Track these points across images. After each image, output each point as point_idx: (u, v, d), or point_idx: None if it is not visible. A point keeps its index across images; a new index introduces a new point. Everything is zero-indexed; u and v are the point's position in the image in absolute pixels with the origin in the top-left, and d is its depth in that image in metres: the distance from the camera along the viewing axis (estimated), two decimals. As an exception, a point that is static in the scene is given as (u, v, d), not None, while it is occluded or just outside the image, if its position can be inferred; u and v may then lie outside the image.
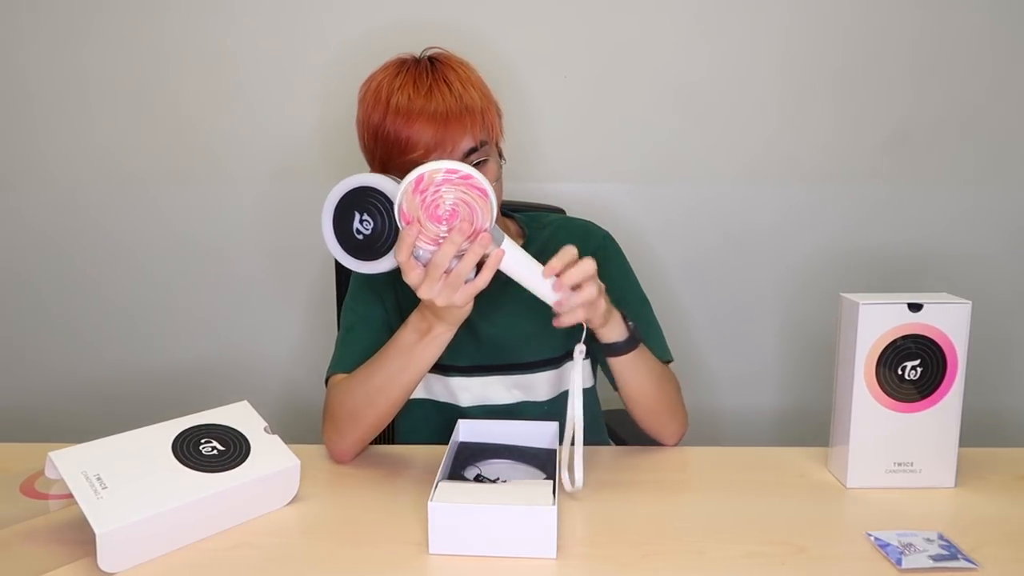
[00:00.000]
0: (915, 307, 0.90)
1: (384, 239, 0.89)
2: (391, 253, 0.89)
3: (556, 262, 0.87)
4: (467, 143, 1.00)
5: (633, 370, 1.00)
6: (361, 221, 0.89)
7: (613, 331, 0.95)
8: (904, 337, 0.91)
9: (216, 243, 1.77)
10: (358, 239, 0.90)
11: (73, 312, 1.81)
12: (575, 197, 1.61)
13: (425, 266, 0.87)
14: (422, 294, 0.87)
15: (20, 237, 1.79)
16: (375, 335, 1.05)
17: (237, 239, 1.77)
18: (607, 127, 1.69)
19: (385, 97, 1.01)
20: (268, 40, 1.68)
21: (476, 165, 1.00)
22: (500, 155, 1.08)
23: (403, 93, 1.01)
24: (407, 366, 0.98)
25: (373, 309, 1.10)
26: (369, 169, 1.07)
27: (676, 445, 1.07)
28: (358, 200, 0.90)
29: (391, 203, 0.87)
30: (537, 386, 1.15)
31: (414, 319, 0.96)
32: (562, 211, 1.44)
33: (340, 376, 1.09)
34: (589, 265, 0.87)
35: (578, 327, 0.91)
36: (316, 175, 1.73)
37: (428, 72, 1.02)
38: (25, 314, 1.82)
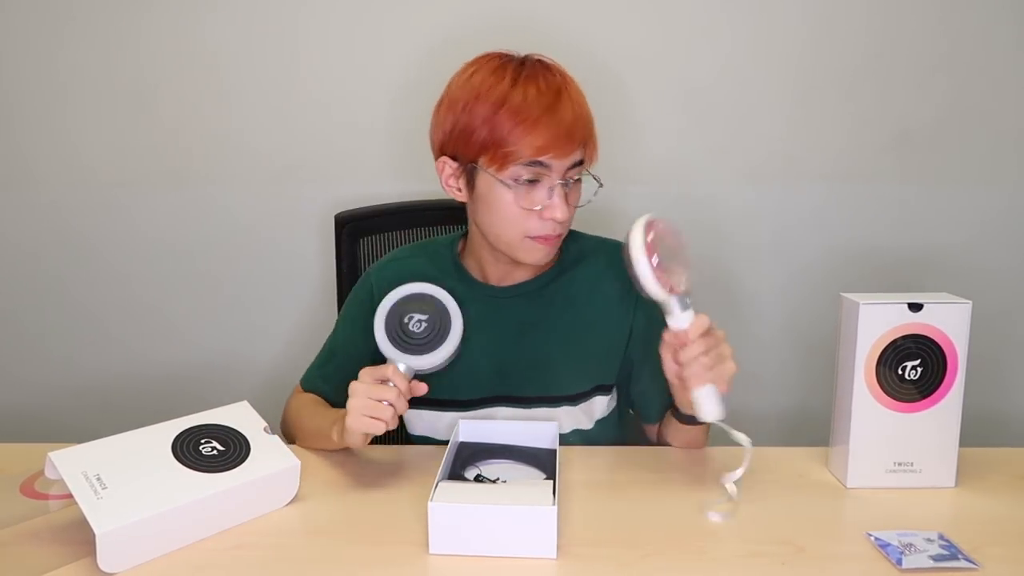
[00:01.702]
0: (915, 307, 0.90)
1: (424, 341, 0.94)
2: (436, 351, 0.94)
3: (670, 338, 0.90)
4: (577, 155, 0.99)
5: (694, 434, 1.04)
6: (418, 321, 0.94)
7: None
8: (904, 337, 0.91)
9: (216, 245, 1.77)
10: (410, 337, 0.94)
11: (72, 313, 1.81)
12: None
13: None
14: (351, 397, 0.90)
15: (25, 236, 1.79)
16: (355, 366, 0.99)
17: (237, 241, 1.77)
18: (609, 128, 1.68)
19: (500, 93, 0.95)
20: (268, 40, 1.68)
21: (575, 181, 1.01)
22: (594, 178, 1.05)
23: (521, 91, 0.95)
24: (318, 440, 1.02)
25: (361, 340, 1.05)
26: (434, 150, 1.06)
27: None
28: (420, 304, 0.96)
29: (446, 318, 0.95)
30: (559, 420, 1.09)
31: (339, 413, 0.95)
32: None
33: (305, 396, 1.14)
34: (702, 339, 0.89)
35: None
36: (311, 177, 1.73)
37: (547, 77, 0.98)
38: (24, 315, 1.82)
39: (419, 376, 0.95)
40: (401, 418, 1.14)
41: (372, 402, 0.89)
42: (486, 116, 0.95)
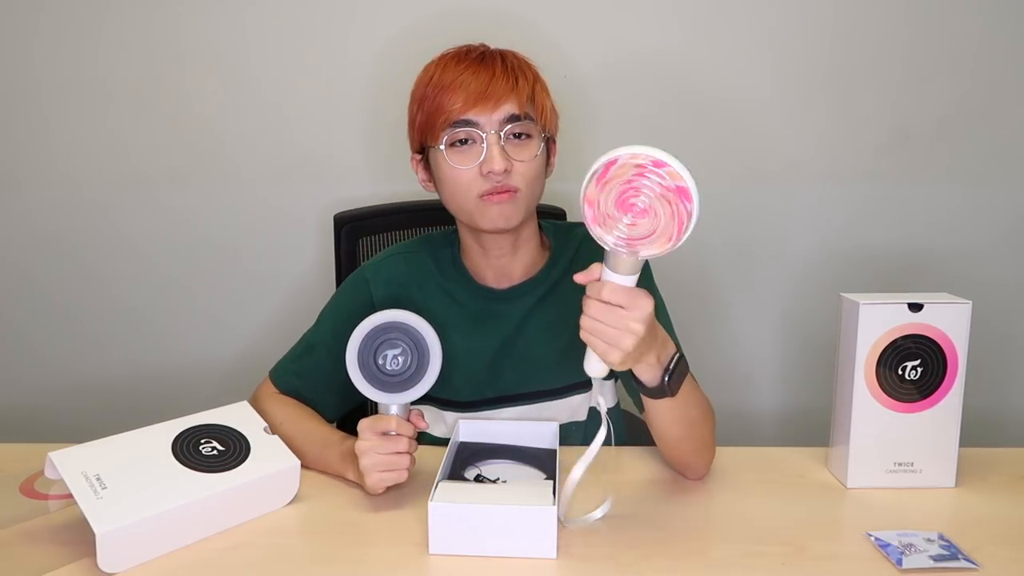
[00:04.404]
0: (915, 307, 0.90)
1: (406, 373, 0.91)
2: (424, 379, 0.91)
3: (580, 276, 0.81)
4: (511, 107, 0.97)
5: (663, 412, 0.90)
6: (394, 358, 0.91)
7: (644, 372, 0.84)
8: (904, 337, 0.91)
9: (216, 243, 1.77)
10: (391, 376, 0.91)
11: (73, 311, 1.81)
12: (576, 197, 1.61)
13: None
14: (362, 458, 0.89)
15: (25, 235, 1.79)
16: (334, 365, 0.97)
17: (237, 239, 1.77)
18: (606, 127, 1.69)
19: (429, 75, 1.00)
20: (271, 40, 1.68)
21: (516, 137, 0.98)
22: (548, 148, 1.03)
23: (446, 66, 0.99)
24: (319, 466, 1.00)
25: (345, 341, 0.94)
26: (410, 149, 1.06)
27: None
28: (388, 335, 0.92)
29: (416, 337, 0.91)
30: (560, 412, 1.10)
31: (348, 447, 0.94)
32: (563, 211, 1.44)
33: (276, 395, 1.09)
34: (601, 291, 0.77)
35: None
36: (316, 176, 1.73)
37: (482, 48, 1.02)
38: (26, 313, 1.82)
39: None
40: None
41: (385, 457, 0.89)
42: (421, 98, 1.00)
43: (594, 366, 0.83)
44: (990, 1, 1.63)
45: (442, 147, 0.97)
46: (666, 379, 0.84)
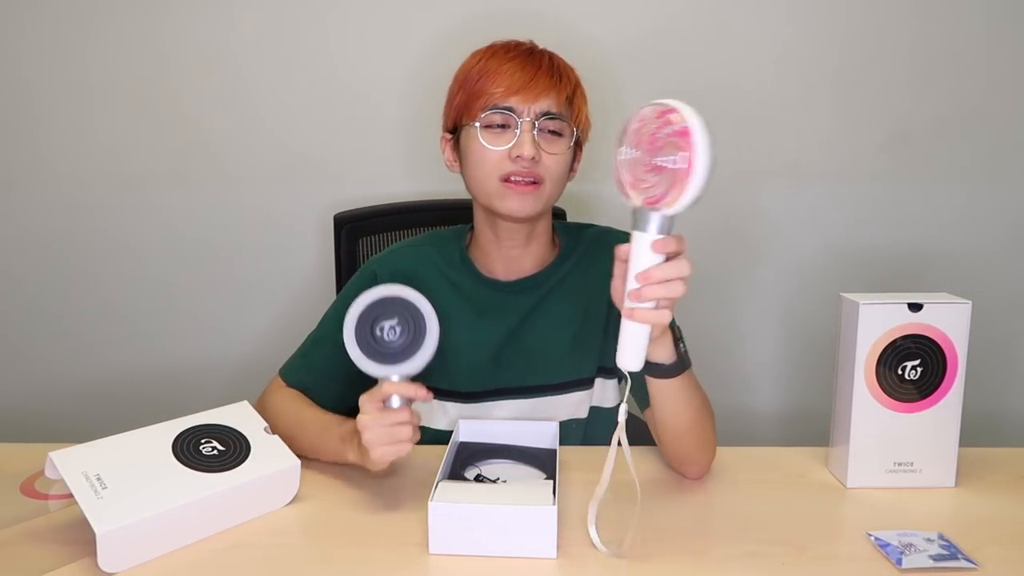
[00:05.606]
0: (915, 307, 0.90)
1: (404, 343, 0.90)
2: (421, 350, 0.89)
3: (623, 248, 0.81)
4: (549, 103, 1.00)
5: (673, 397, 0.91)
6: (390, 328, 0.90)
7: (660, 351, 0.86)
8: (904, 337, 0.91)
9: (216, 244, 1.77)
10: (387, 346, 0.90)
11: (73, 312, 1.81)
12: (576, 197, 1.62)
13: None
14: (364, 432, 0.87)
15: (20, 237, 1.79)
16: (341, 360, 0.96)
17: (237, 240, 1.77)
18: (607, 127, 1.69)
19: (477, 61, 1.04)
20: (269, 40, 1.68)
21: (550, 132, 1.01)
22: (576, 152, 1.07)
23: (495, 54, 1.03)
24: (318, 453, 0.99)
25: None
26: (442, 127, 1.09)
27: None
28: (385, 308, 0.90)
29: (416, 313, 0.90)
30: (560, 408, 1.10)
31: (347, 428, 0.94)
32: (563, 211, 1.44)
33: (283, 388, 1.09)
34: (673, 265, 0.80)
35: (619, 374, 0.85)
36: (316, 176, 1.73)
37: (531, 45, 1.06)
38: (25, 314, 1.82)
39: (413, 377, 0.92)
40: None
41: (387, 429, 0.87)
42: (464, 80, 1.03)
43: (630, 355, 0.80)
44: (991, 1, 1.63)
45: (477, 124, 1.00)
46: (681, 346, 0.88)
